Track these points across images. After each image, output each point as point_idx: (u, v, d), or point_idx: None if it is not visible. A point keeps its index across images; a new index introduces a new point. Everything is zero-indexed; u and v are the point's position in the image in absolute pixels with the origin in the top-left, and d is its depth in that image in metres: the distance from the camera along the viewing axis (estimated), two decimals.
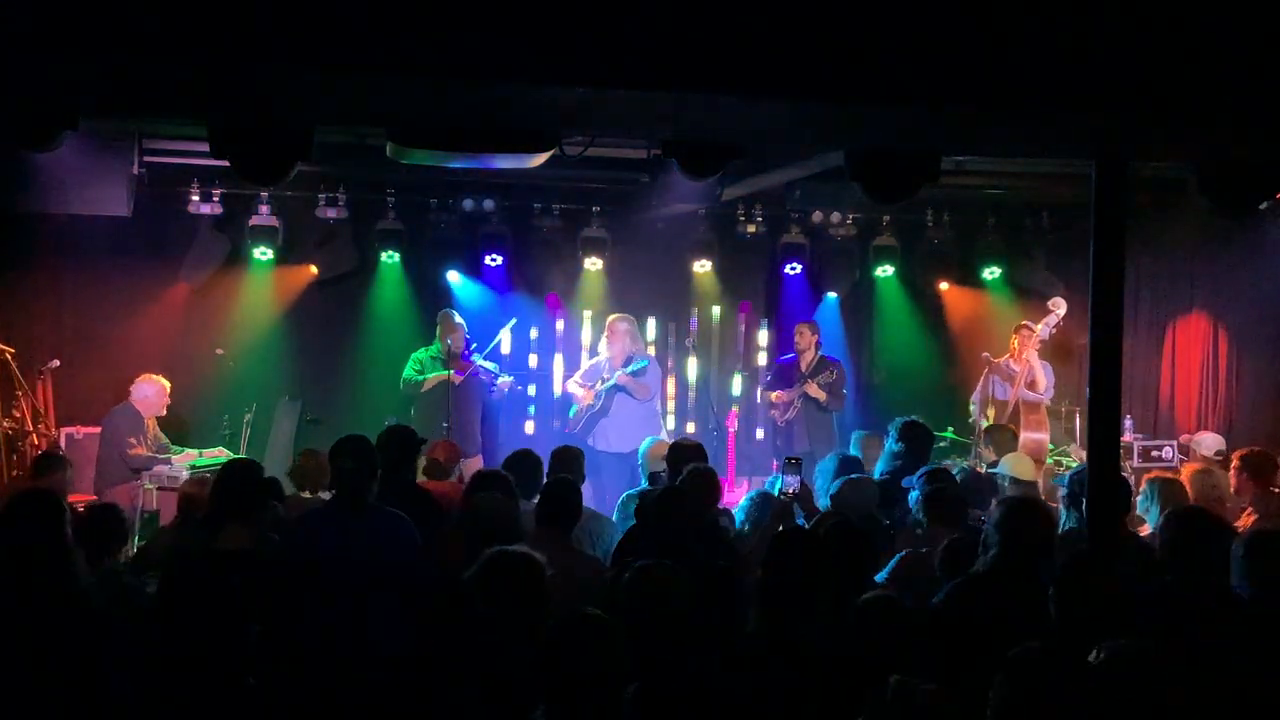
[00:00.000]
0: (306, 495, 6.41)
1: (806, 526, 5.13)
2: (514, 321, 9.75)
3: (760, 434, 11.39)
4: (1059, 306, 9.50)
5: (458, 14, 4.12)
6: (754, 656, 3.79)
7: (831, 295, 11.15)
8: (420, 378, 9.37)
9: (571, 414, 9.57)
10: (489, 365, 9.57)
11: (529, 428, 10.90)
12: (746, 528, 5.74)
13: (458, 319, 9.57)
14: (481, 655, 3.76)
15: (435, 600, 4.26)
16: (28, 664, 3.30)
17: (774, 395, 9.84)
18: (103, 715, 3.28)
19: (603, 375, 9.42)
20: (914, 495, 5.72)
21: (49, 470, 6.87)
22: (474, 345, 9.57)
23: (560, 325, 11.03)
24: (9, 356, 8.89)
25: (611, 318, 9.51)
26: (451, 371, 9.18)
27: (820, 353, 9.74)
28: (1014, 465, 7.17)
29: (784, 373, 9.87)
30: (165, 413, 8.92)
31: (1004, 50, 4.46)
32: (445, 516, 5.55)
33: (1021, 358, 9.33)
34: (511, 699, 3.15)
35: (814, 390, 9.45)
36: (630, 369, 9.26)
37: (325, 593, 4.70)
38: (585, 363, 10.20)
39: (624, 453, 9.05)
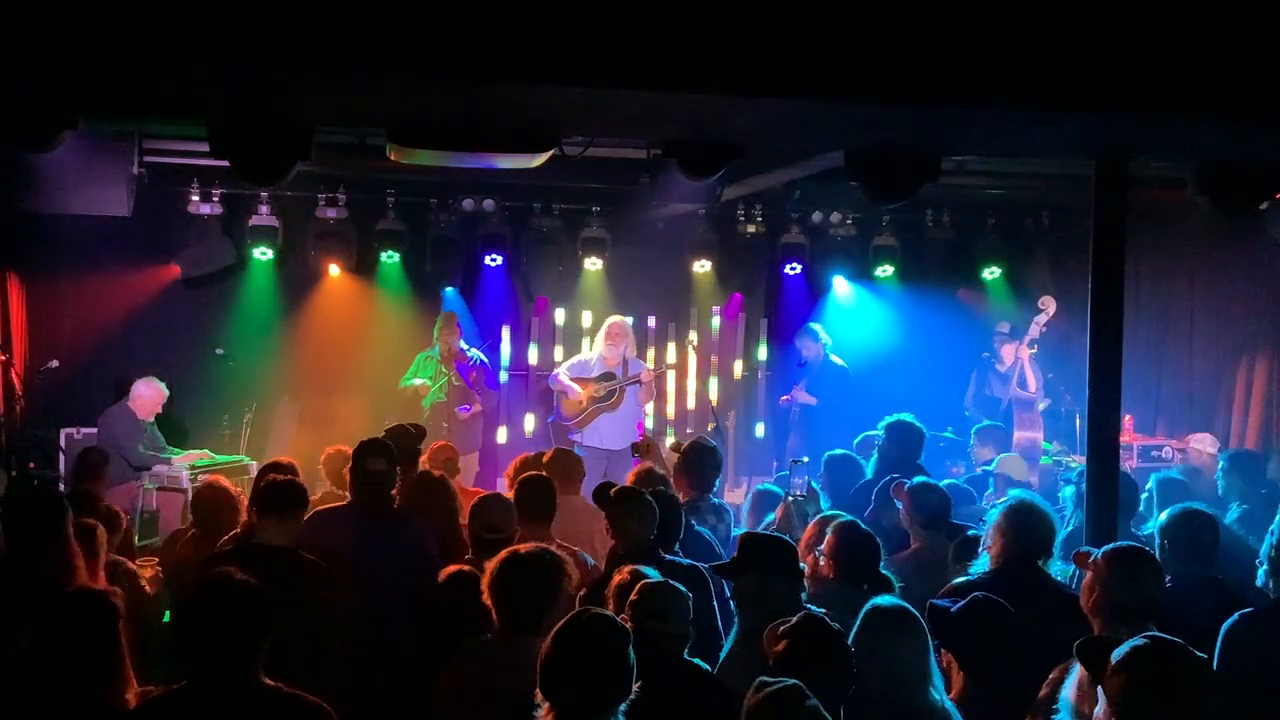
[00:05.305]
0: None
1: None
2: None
3: (760, 431, 11.39)
4: (1048, 305, 9.59)
5: (458, 14, 4.12)
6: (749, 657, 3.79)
7: (838, 289, 11.19)
8: (407, 382, 9.55)
9: (561, 405, 9.36)
10: (476, 356, 9.72)
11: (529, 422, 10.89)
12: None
13: (455, 320, 9.68)
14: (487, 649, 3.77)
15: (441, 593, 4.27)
16: (33, 661, 3.29)
17: (783, 399, 10.12)
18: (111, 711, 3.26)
19: (610, 372, 9.30)
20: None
21: (94, 468, 6.83)
22: (470, 351, 9.66)
23: (558, 322, 10.99)
24: (3, 361, 8.92)
25: (616, 319, 9.43)
26: (428, 380, 9.41)
27: (826, 358, 9.83)
28: (1008, 467, 7.22)
29: (795, 376, 10.15)
30: (151, 418, 8.88)
31: (1004, 50, 4.47)
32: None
33: (1009, 359, 9.46)
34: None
35: (803, 396, 9.71)
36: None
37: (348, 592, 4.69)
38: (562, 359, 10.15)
39: (614, 450, 8.94)
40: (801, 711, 2.86)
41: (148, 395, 8.76)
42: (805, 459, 5.87)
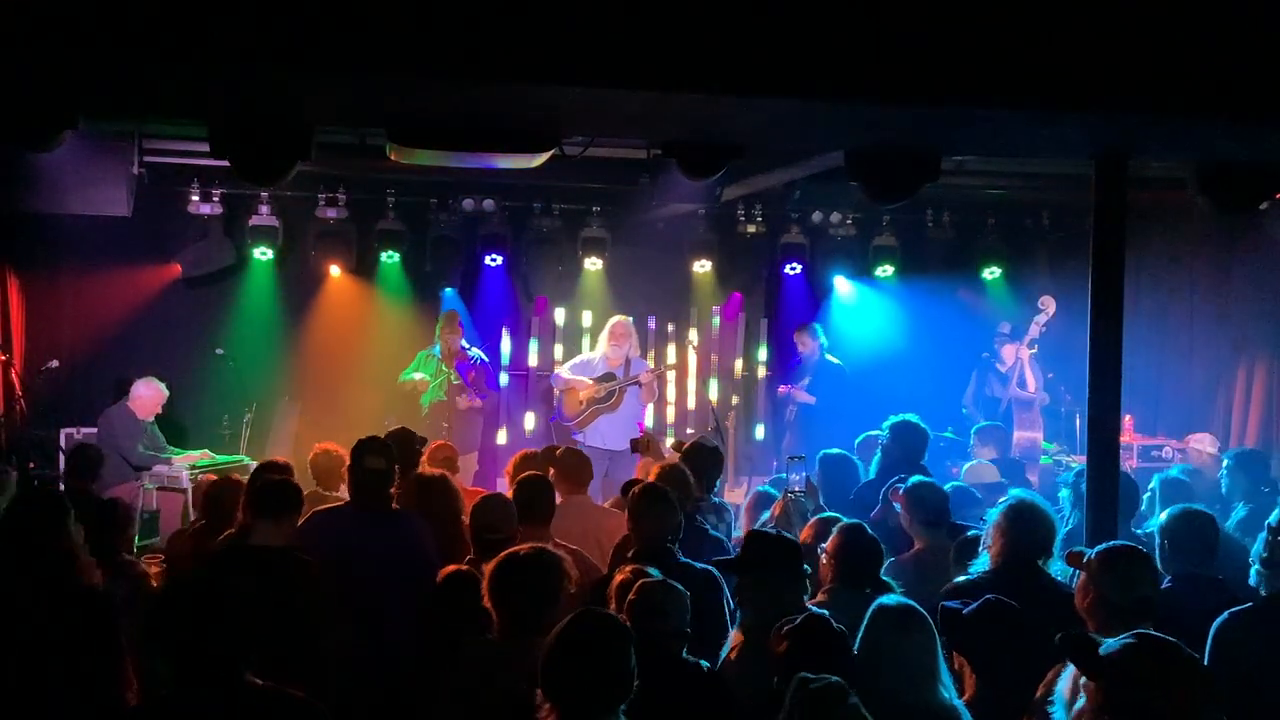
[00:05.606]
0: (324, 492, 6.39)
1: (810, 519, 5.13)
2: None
3: (760, 433, 11.39)
4: (1048, 305, 9.61)
5: (458, 14, 4.12)
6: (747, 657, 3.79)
7: (838, 289, 11.19)
8: (406, 376, 9.57)
9: (563, 406, 9.38)
10: (477, 355, 9.77)
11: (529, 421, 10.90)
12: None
13: (456, 319, 9.71)
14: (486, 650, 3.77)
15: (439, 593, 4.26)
16: (33, 661, 3.29)
17: (781, 389, 10.10)
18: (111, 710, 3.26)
19: (611, 372, 9.29)
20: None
21: (90, 464, 6.81)
22: (471, 351, 9.68)
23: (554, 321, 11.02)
24: (3, 361, 8.91)
25: (619, 319, 9.42)
26: (428, 377, 9.43)
27: (821, 356, 9.82)
28: (979, 475, 7.27)
29: (792, 372, 10.14)
30: (151, 418, 8.88)
31: (1004, 50, 4.47)
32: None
33: (1009, 360, 9.48)
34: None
35: (801, 396, 9.71)
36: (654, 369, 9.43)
37: (347, 593, 4.69)
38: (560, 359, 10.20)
39: (615, 450, 8.89)
40: (843, 709, 2.86)
41: (147, 395, 8.77)
42: (803, 455, 5.87)
